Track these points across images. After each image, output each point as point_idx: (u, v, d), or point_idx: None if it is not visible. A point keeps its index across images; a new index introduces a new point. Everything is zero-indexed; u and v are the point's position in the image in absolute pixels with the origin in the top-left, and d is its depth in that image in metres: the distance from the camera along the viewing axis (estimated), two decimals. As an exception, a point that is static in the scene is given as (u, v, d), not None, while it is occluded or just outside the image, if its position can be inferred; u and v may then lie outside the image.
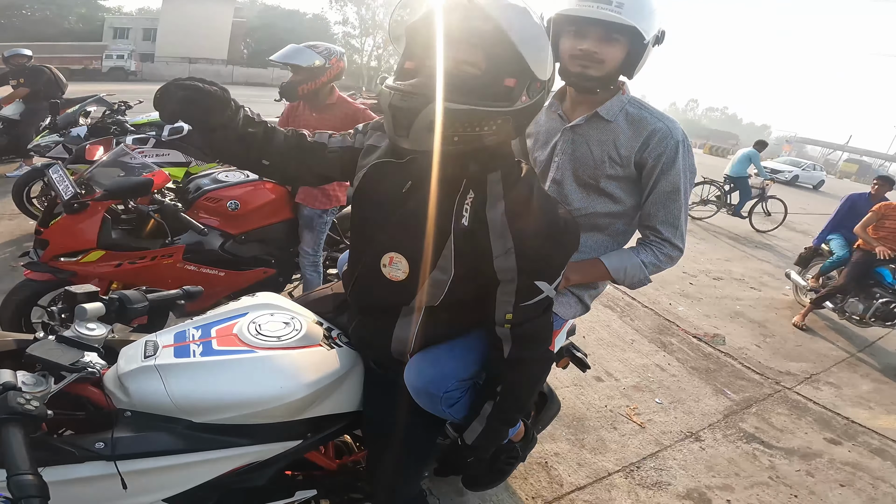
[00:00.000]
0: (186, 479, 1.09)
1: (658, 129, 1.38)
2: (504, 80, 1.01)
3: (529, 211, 1.05)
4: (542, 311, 1.10)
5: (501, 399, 1.17)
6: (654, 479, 2.43)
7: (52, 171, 2.44)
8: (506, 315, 1.08)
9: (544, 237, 1.04)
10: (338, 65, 2.76)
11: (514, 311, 1.07)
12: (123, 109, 4.64)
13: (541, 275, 1.05)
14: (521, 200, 1.05)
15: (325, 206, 2.91)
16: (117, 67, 26.71)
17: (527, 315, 1.08)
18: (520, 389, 1.18)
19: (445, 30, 0.98)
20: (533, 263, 1.04)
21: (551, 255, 1.06)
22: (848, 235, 5.03)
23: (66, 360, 0.98)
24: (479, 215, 1.06)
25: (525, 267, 1.03)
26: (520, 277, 1.04)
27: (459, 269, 1.09)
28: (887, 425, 3.30)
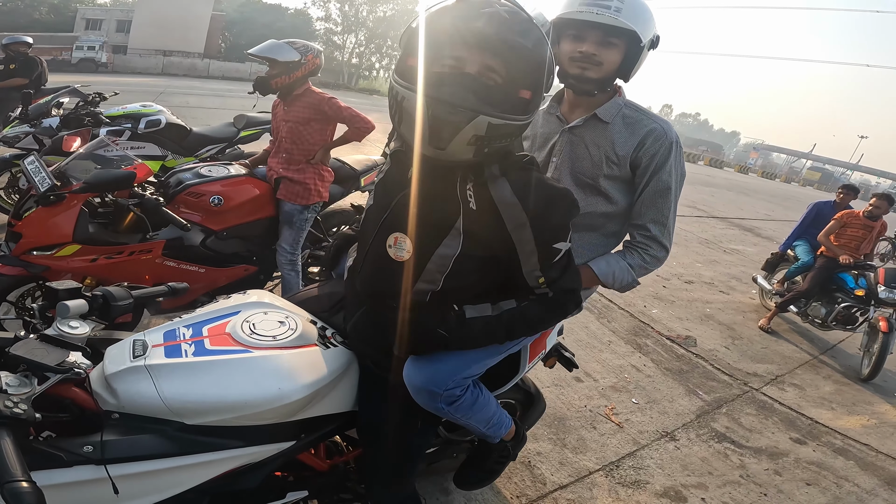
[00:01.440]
0: (178, 482, 1.07)
1: (654, 129, 1.42)
2: (520, 91, 1.03)
3: (534, 187, 1.11)
4: (566, 262, 1.18)
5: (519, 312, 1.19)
6: (632, 478, 2.49)
7: (27, 161, 2.35)
8: (538, 280, 1.15)
9: (554, 207, 1.12)
10: (314, 61, 2.81)
11: (544, 273, 1.14)
12: (98, 101, 4.50)
13: (556, 238, 1.13)
14: (524, 179, 1.12)
15: (306, 202, 2.88)
16: (87, 59, 25.99)
17: (556, 271, 1.16)
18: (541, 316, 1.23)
19: (475, 34, 0.98)
20: (548, 232, 1.11)
21: (562, 221, 1.14)
22: (813, 242, 5.19)
23: (52, 361, 0.95)
24: (484, 197, 1.11)
25: (541, 237, 1.10)
26: (539, 248, 1.11)
27: (466, 245, 1.12)
28: (849, 425, 3.42)
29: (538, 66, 1.01)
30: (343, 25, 45.88)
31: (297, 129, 2.84)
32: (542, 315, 1.22)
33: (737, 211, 13.22)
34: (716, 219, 11.01)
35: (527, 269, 1.15)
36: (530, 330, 1.26)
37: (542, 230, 1.11)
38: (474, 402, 1.34)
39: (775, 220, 12.91)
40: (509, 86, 1.02)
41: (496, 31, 0.97)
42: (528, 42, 0.99)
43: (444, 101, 0.97)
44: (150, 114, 4.42)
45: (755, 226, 11.22)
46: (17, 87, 5.21)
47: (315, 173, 2.92)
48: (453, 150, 1.02)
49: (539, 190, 1.11)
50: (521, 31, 0.99)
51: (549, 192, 1.13)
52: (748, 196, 18.47)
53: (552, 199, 1.12)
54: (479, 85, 1.00)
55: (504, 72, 1.01)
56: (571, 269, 1.20)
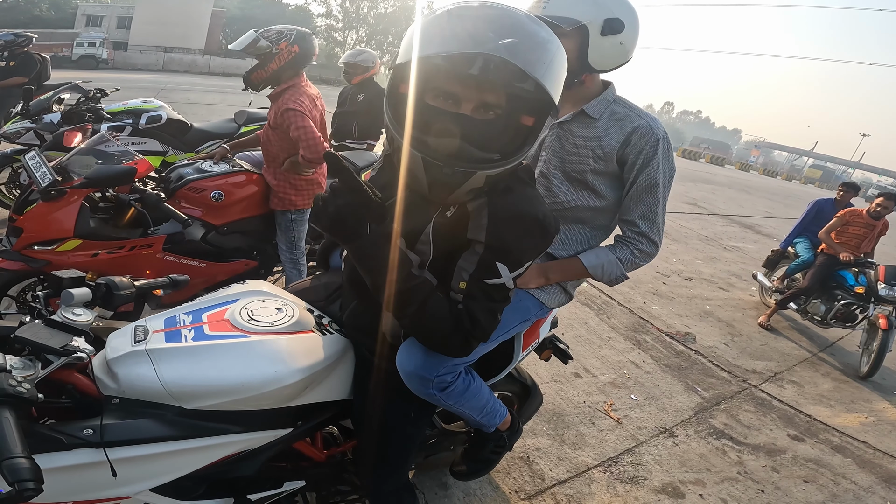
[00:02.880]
0: (176, 467, 1.08)
1: (640, 126, 1.43)
2: (521, 118, 0.99)
3: (510, 197, 1.06)
4: (493, 297, 1.08)
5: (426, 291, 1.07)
6: (631, 474, 2.50)
7: (28, 156, 2.36)
8: (460, 283, 1.07)
9: (518, 222, 1.05)
10: (289, 50, 2.50)
11: (469, 281, 1.06)
12: (99, 97, 4.51)
13: (504, 257, 1.05)
14: (503, 187, 1.07)
15: (282, 208, 2.77)
16: (88, 55, 26.03)
17: (479, 292, 1.06)
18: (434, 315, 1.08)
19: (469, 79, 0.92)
20: (500, 242, 1.04)
21: (520, 242, 1.06)
22: (814, 239, 5.19)
23: (56, 343, 0.97)
24: (462, 207, 1.09)
25: (492, 243, 1.04)
26: (484, 251, 1.05)
27: (437, 249, 1.10)
28: (847, 423, 3.43)
29: (545, 94, 0.94)
30: (344, 21, 45.82)
31: (267, 130, 2.67)
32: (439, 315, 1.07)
33: (737, 208, 13.21)
34: (716, 216, 11.01)
35: (460, 264, 1.08)
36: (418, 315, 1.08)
37: (496, 238, 1.04)
38: (466, 389, 1.36)
39: (776, 218, 12.89)
40: (509, 117, 0.98)
41: (493, 77, 0.91)
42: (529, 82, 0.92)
43: (436, 162, 0.94)
44: (150, 109, 4.44)
45: (756, 223, 11.20)
46: (17, 85, 5.21)
47: (286, 182, 2.73)
48: (453, 201, 1.05)
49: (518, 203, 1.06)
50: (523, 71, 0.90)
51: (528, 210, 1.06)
52: (749, 194, 18.43)
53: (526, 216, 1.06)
54: (474, 128, 0.96)
55: (503, 103, 0.97)
56: (492, 307, 1.09)
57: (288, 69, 2.56)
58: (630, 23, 1.41)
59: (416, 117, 0.97)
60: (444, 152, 0.95)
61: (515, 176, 1.10)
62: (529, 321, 1.59)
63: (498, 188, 1.06)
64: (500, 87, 0.93)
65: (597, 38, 1.39)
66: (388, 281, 1.03)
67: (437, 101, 0.97)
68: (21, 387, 0.84)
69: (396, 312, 1.09)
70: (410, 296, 1.05)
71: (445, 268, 1.11)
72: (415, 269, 1.07)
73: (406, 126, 0.99)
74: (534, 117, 0.99)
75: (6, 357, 0.91)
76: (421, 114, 0.97)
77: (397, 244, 1.05)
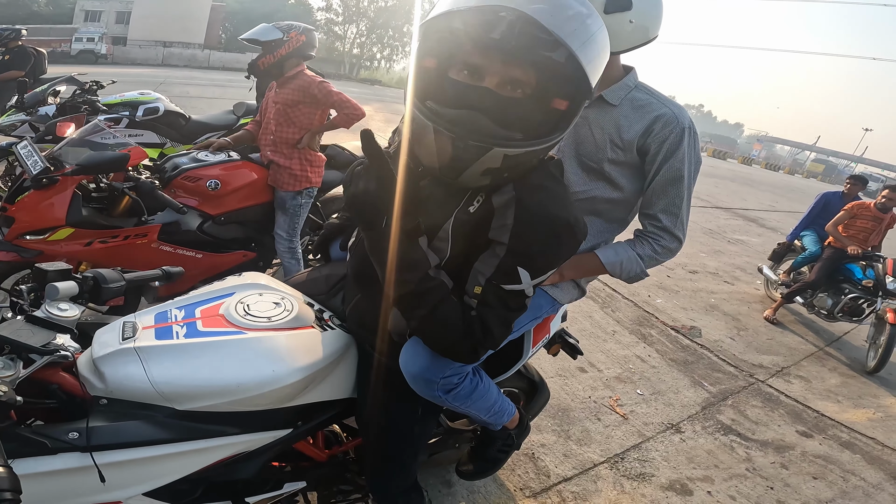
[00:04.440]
0: (169, 471, 1.03)
1: (663, 114, 1.34)
2: (553, 101, 0.90)
3: (541, 196, 0.98)
4: (509, 306, 1.01)
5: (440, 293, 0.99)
6: (638, 471, 2.45)
7: (20, 146, 2.32)
8: (475, 288, 1.00)
9: (546, 226, 0.96)
10: (297, 38, 2.74)
11: (486, 285, 0.98)
12: (95, 89, 4.46)
13: (527, 263, 0.97)
14: (534, 184, 0.99)
15: (294, 188, 2.83)
16: (87, 50, 25.88)
17: (495, 299, 0.99)
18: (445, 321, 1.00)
19: (491, 45, 0.84)
20: (524, 246, 0.96)
21: (546, 248, 0.98)
22: (821, 232, 5.12)
23: (37, 342, 0.91)
24: (487, 203, 1.01)
25: (515, 247, 0.96)
26: (506, 254, 0.97)
27: (455, 248, 1.03)
28: (855, 419, 3.39)
29: (579, 71, 0.85)
30: (344, 15, 45.67)
31: (284, 111, 2.77)
32: (451, 321, 1.00)
33: (741, 202, 13.15)
34: (720, 209, 10.94)
35: (477, 267, 1.00)
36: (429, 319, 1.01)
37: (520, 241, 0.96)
38: (473, 391, 1.29)
39: (779, 211, 12.84)
40: (539, 98, 0.89)
41: (518, 42, 0.81)
42: (560, 52, 0.83)
43: (449, 132, 0.87)
44: (148, 101, 4.39)
45: (759, 216, 11.15)
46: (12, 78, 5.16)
47: (302, 158, 2.85)
48: (466, 181, 0.94)
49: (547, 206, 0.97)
50: (554, 37, 0.81)
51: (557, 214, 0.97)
52: (752, 187, 18.37)
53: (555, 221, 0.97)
54: (496, 103, 0.88)
55: (533, 82, 0.88)
56: (505, 316, 1.02)
57: (293, 56, 2.76)
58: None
59: (436, 91, 0.91)
60: (459, 123, 0.87)
61: (546, 171, 1.02)
62: (540, 318, 1.53)
63: (527, 183, 0.98)
64: (527, 56, 0.84)
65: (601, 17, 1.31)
66: (401, 280, 0.97)
67: (461, 76, 0.90)
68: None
69: (406, 312, 1.03)
70: (423, 298, 0.98)
71: (461, 268, 1.03)
72: (432, 269, 0.99)
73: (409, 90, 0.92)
74: (568, 101, 0.90)
75: None
76: (442, 88, 0.90)
77: (416, 241, 0.97)
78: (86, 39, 26.58)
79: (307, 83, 2.74)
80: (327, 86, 2.77)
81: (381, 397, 1.24)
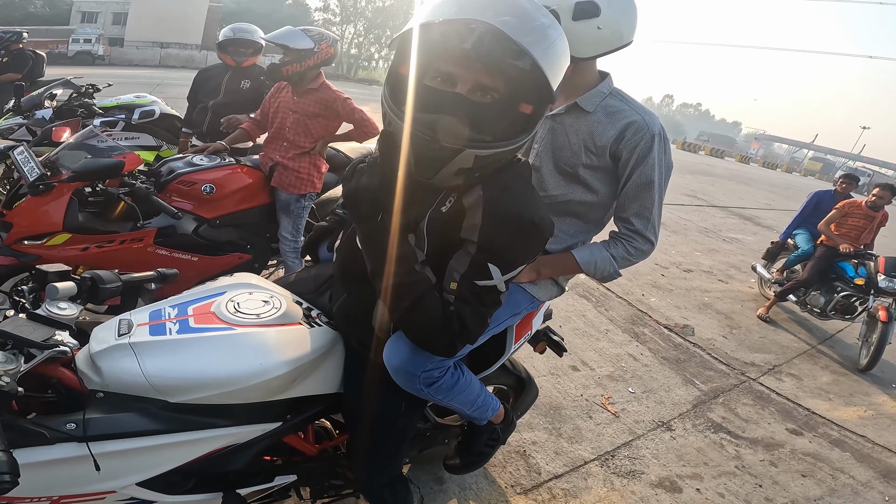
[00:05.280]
0: (161, 461, 1.07)
1: (634, 121, 1.38)
2: (520, 105, 0.97)
3: (507, 196, 1.03)
4: (483, 301, 1.06)
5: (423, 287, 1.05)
6: (628, 468, 2.48)
7: (16, 151, 2.34)
8: (451, 284, 1.05)
9: (512, 224, 1.02)
10: (327, 50, 2.78)
11: (460, 281, 1.04)
12: (91, 92, 4.48)
13: (497, 259, 1.02)
14: (501, 185, 1.04)
15: (300, 191, 2.88)
16: (84, 51, 25.85)
17: (470, 294, 1.04)
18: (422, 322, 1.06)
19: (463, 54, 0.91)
20: (493, 244, 1.01)
21: (513, 245, 1.03)
22: (813, 231, 5.16)
23: (38, 337, 0.95)
24: (458, 203, 1.06)
25: (485, 244, 1.01)
26: (476, 252, 1.02)
27: (431, 246, 1.08)
28: (846, 417, 3.41)
29: (542, 77, 0.91)
30: (342, 16, 45.78)
31: (303, 121, 2.82)
32: (431, 314, 1.05)
33: (737, 200, 13.19)
34: (715, 208, 10.99)
35: (452, 264, 1.06)
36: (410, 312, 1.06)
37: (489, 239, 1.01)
38: (455, 384, 1.33)
39: (776, 210, 12.88)
40: (506, 103, 0.96)
41: (487, 51, 0.88)
42: (525, 61, 0.90)
43: (423, 136, 0.92)
44: (143, 104, 4.40)
45: (755, 215, 11.19)
46: (9, 81, 5.18)
47: (311, 163, 2.91)
48: (440, 181, 0.99)
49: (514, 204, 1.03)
50: (519, 47, 0.88)
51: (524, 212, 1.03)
52: (749, 185, 18.42)
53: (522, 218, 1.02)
54: (468, 108, 0.94)
55: (502, 87, 0.95)
56: (481, 311, 1.07)
57: (316, 67, 2.80)
58: (608, 4, 1.34)
59: (413, 97, 0.96)
60: (433, 126, 0.92)
61: (514, 171, 1.08)
62: (520, 314, 1.56)
63: (495, 184, 1.04)
64: (496, 64, 0.91)
65: (569, 24, 1.33)
66: (388, 272, 1.03)
67: (435, 82, 0.96)
68: (0, 380, 0.83)
69: (391, 304, 1.07)
70: (408, 290, 1.04)
71: (440, 264, 1.09)
72: (418, 264, 1.06)
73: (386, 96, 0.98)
74: (532, 105, 0.97)
75: None
76: (417, 94, 0.95)
77: (405, 236, 1.05)
78: (83, 40, 26.53)
79: (332, 99, 2.81)
80: (350, 103, 2.85)
81: (366, 391, 1.28)
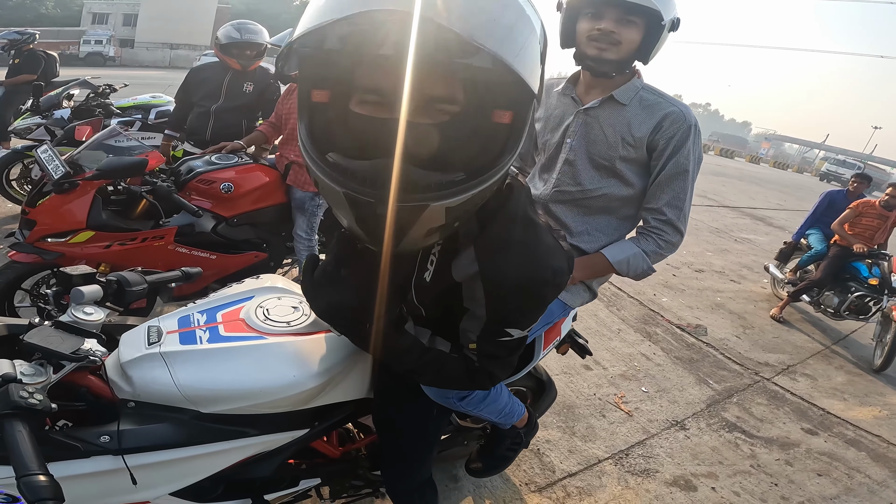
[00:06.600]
0: (194, 471, 1.07)
1: (672, 112, 1.40)
2: (493, 114, 0.70)
3: (508, 263, 0.83)
4: (507, 350, 0.95)
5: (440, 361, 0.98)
6: (642, 467, 2.48)
7: (40, 150, 2.37)
8: (469, 344, 0.95)
9: (521, 295, 0.85)
10: None
11: (479, 342, 0.94)
12: (108, 92, 4.53)
13: (512, 324, 0.90)
14: (497, 243, 0.84)
15: (315, 189, 2.89)
16: (95, 52, 26.21)
17: (492, 349, 0.94)
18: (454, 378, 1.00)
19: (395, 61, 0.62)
20: (506, 316, 0.89)
21: (527, 311, 0.90)
22: (826, 231, 5.12)
23: (67, 349, 0.93)
24: (444, 270, 0.91)
25: (495, 317, 0.88)
26: (488, 323, 0.89)
27: (430, 312, 1.00)
28: (861, 416, 3.39)
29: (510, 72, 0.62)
30: (350, 16, 45.74)
31: None
32: (456, 377, 0.99)
33: (748, 200, 13.10)
34: (727, 208, 10.90)
35: (464, 326, 0.95)
36: (434, 381, 1.07)
37: (498, 312, 0.88)
38: (486, 396, 1.34)
39: (787, 210, 12.75)
40: (474, 112, 0.69)
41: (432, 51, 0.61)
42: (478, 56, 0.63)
43: (364, 199, 0.66)
44: (160, 104, 4.46)
45: (767, 215, 11.10)
46: (25, 82, 5.25)
47: None
48: (408, 247, 0.76)
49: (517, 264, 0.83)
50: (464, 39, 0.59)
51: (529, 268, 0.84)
52: (760, 186, 18.26)
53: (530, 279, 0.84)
54: (419, 138, 0.66)
55: (460, 94, 0.68)
56: (509, 360, 0.98)
57: None
58: None
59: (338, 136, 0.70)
60: (373, 180, 0.66)
61: (508, 217, 0.85)
62: (552, 323, 1.57)
63: (489, 244, 0.84)
64: (440, 68, 0.64)
65: (664, 33, 1.37)
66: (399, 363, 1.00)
67: (364, 108, 0.69)
68: (33, 398, 0.81)
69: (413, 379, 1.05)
70: (425, 370, 0.99)
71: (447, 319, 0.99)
72: (425, 341, 0.98)
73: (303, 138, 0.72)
74: (511, 111, 0.70)
75: (16, 364, 0.88)
76: (344, 128, 0.70)
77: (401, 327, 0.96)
78: (94, 42, 26.88)
79: None
80: None
81: (396, 398, 1.26)
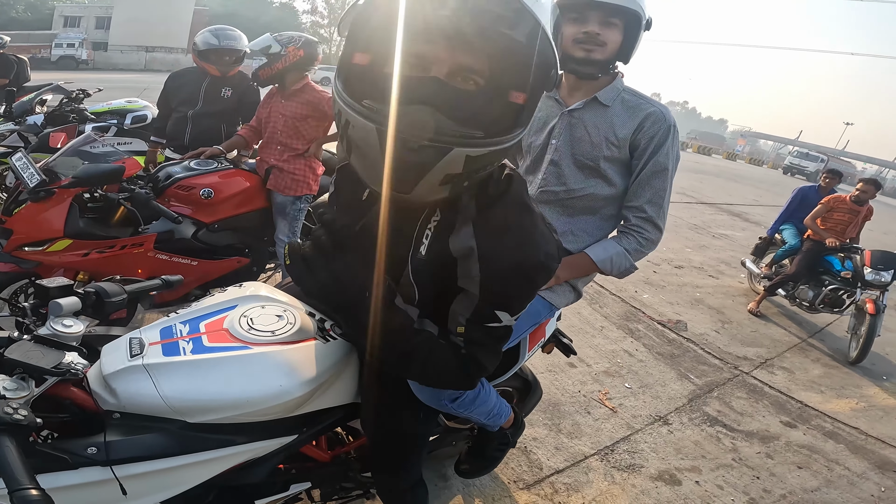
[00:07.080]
0: (183, 480, 1.06)
1: (653, 112, 1.45)
2: (510, 94, 0.81)
3: (505, 244, 0.89)
4: (495, 339, 0.97)
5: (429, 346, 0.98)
6: (627, 462, 2.52)
7: (15, 158, 2.32)
8: (458, 328, 0.96)
9: (517, 274, 0.90)
10: (295, 53, 2.78)
11: (467, 326, 0.94)
12: (82, 97, 4.45)
13: (504, 306, 0.93)
14: (495, 224, 0.90)
15: (296, 193, 2.89)
16: (67, 56, 25.60)
17: (480, 335, 0.95)
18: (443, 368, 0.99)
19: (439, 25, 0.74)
20: (498, 296, 0.92)
21: (521, 291, 0.94)
22: (800, 226, 5.24)
23: (48, 363, 0.92)
24: (440, 244, 0.93)
25: (488, 297, 0.91)
26: (480, 302, 0.91)
27: (423, 292, 1.00)
28: (838, 409, 3.48)
29: (533, 59, 0.76)
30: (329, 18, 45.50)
31: (293, 124, 2.86)
32: (444, 367, 0.98)
33: (725, 197, 13.35)
34: (705, 204, 11.11)
35: (455, 308, 0.95)
36: (422, 371, 1.02)
37: (491, 292, 0.91)
38: (476, 397, 1.37)
39: (763, 206, 13.03)
40: (495, 89, 0.80)
41: (470, 19, 0.73)
42: (518, 30, 0.75)
43: (401, 135, 0.74)
44: (135, 109, 4.40)
45: (743, 211, 11.32)
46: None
47: (307, 165, 2.94)
48: (421, 194, 0.82)
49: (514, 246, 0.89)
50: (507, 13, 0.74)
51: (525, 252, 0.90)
52: (736, 182, 18.62)
53: (525, 261, 0.90)
54: (450, 96, 0.76)
55: (486, 70, 0.79)
56: (495, 348, 0.99)
57: (293, 70, 2.82)
58: None
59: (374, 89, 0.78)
60: (409, 121, 0.74)
61: (508, 200, 0.92)
62: (538, 324, 1.59)
63: (488, 225, 0.90)
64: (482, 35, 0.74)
65: (641, 33, 1.43)
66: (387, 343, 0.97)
67: (402, 69, 0.77)
68: (18, 413, 0.80)
69: (400, 369, 1.04)
70: (414, 354, 0.97)
71: (437, 304, 0.99)
72: (416, 321, 0.97)
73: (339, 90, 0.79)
74: (525, 94, 0.81)
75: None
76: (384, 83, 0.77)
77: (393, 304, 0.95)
78: (66, 45, 26.27)
79: (317, 99, 2.84)
80: None
81: (384, 402, 1.26)
